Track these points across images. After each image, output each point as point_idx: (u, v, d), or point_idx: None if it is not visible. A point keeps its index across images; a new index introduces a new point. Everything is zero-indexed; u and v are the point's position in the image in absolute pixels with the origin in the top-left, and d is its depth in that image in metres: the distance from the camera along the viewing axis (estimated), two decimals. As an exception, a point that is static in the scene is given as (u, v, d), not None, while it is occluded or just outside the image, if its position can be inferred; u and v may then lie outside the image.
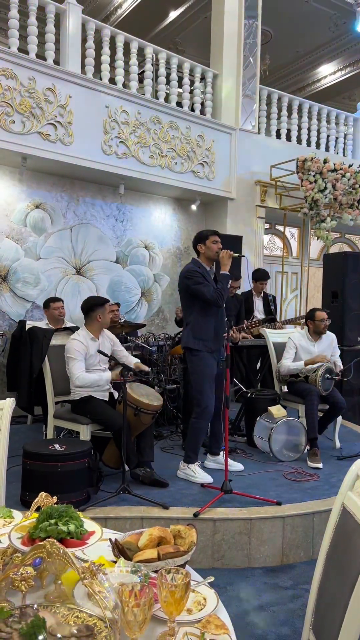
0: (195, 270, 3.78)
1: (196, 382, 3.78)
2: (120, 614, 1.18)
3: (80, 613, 1.30)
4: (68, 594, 1.45)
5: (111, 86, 6.08)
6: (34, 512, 1.67)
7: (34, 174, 6.03)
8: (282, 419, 4.48)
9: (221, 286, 3.72)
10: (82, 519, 1.55)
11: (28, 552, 1.21)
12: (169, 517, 3.21)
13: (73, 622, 1.28)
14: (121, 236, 6.90)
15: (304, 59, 11.82)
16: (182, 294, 3.93)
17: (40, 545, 1.20)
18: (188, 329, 3.80)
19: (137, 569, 1.43)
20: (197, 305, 3.79)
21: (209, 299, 3.70)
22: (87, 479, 3.35)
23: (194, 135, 6.84)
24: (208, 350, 3.76)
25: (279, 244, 8.75)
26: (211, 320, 3.78)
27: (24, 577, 1.21)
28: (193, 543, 1.65)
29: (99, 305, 3.92)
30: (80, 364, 3.73)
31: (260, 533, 3.22)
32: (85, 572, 1.15)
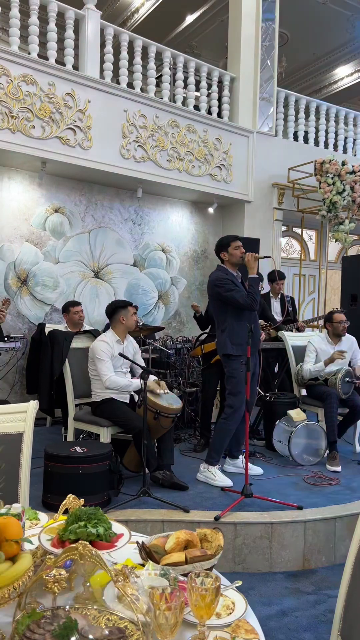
0: (224, 278, 3.80)
1: (234, 385, 3.80)
2: (152, 617, 1.18)
3: (111, 615, 1.31)
4: (96, 596, 1.46)
5: (129, 90, 6.12)
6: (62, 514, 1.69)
7: (53, 178, 6.09)
8: (301, 423, 4.45)
9: (253, 290, 3.73)
10: (110, 522, 1.56)
11: (60, 554, 1.22)
12: (190, 520, 3.21)
13: (104, 624, 1.28)
14: (139, 239, 6.93)
15: (321, 61, 11.78)
16: (213, 301, 3.95)
17: (73, 547, 1.20)
18: (225, 335, 3.81)
19: (166, 572, 1.44)
20: (230, 312, 3.81)
21: (243, 304, 3.72)
22: (107, 482, 3.36)
23: (211, 139, 6.85)
24: (246, 354, 3.77)
25: (297, 247, 8.71)
26: (246, 324, 3.78)
27: (57, 579, 1.22)
28: (220, 547, 1.64)
29: (122, 307, 3.96)
30: (108, 364, 3.77)
31: (281, 537, 3.20)
32: (118, 574, 1.16)
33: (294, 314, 6.02)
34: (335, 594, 3.07)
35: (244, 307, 3.77)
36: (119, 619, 1.28)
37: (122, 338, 4.00)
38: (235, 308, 3.80)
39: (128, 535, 1.56)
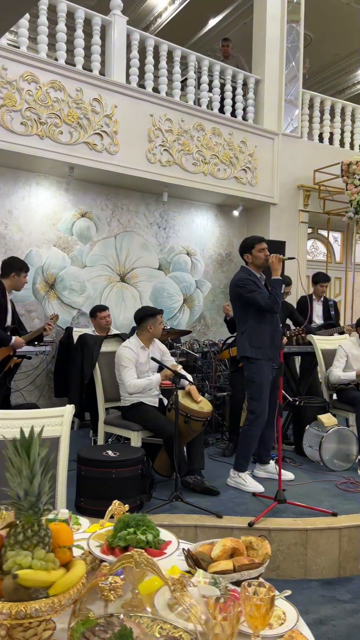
0: (246, 279, 3.76)
1: (254, 390, 3.76)
2: (209, 628, 1.17)
3: (164, 624, 1.30)
4: (145, 603, 1.45)
5: (155, 95, 6.14)
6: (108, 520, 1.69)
7: (80, 183, 6.13)
8: (332, 428, 4.40)
9: (275, 292, 3.68)
10: (158, 528, 1.55)
11: (116, 562, 1.21)
12: (223, 526, 3.19)
13: (158, 633, 1.27)
14: (164, 243, 6.93)
15: (344, 62, 11.69)
16: (235, 303, 3.91)
17: (128, 555, 1.20)
18: (244, 337, 3.77)
19: (216, 581, 1.42)
20: (251, 313, 3.76)
21: (264, 306, 3.67)
22: (140, 486, 3.36)
23: (236, 141, 6.83)
24: (266, 358, 3.73)
25: (322, 249, 8.63)
26: (266, 327, 3.74)
27: (113, 587, 1.21)
28: (268, 555, 1.62)
29: (151, 316, 3.95)
30: (131, 371, 3.77)
31: (316, 544, 3.16)
32: (176, 583, 1.15)
33: (337, 318, 5.94)
34: (373, 603, 3.00)
35: (264, 309, 3.72)
36: (172, 628, 1.27)
37: (147, 344, 3.99)
38: (257, 310, 3.75)
39: (176, 542, 1.55)
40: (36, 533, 1.24)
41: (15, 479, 1.27)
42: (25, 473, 1.26)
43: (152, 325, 3.95)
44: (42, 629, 1.17)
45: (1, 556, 1.24)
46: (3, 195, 5.65)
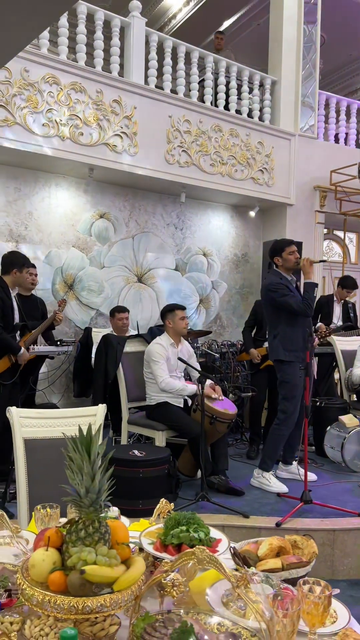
0: (278, 282, 3.77)
1: (287, 390, 3.78)
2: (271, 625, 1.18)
3: (222, 621, 1.31)
4: (196, 601, 1.46)
5: (173, 96, 6.16)
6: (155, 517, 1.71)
7: (99, 184, 6.16)
8: (354, 429, 4.39)
9: (308, 295, 3.68)
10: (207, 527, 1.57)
11: (177, 559, 1.23)
12: (251, 525, 3.20)
13: (217, 629, 1.29)
14: (180, 244, 6.95)
15: (357, 62, 11.66)
16: (267, 306, 3.92)
17: (190, 551, 1.21)
18: (277, 340, 3.79)
19: (269, 579, 1.43)
20: (283, 317, 3.77)
21: (297, 310, 3.68)
22: (166, 485, 3.38)
23: (253, 142, 6.84)
24: (299, 360, 3.74)
25: (337, 250, 8.62)
26: (299, 330, 3.75)
27: (175, 583, 1.23)
28: (315, 553, 1.64)
29: (169, 311, 4.00)
30: (163, 366, 3.80)
31: (343, 545, 3.16)
32: (240, 580, 1.16)
33: (356, 320, 5.93)
34: None
35: (298, 313, 3.73)
36: (231, 625, 1.29)
37: (176, 342, 4.03)
38: (289, 314, 3.76)
39: (226, 541, 1.57)
40: (97, 530, 1.26)
41: (77, 477, 1.29)
42: (87, 470, 1.28)
43: (171, 320, 3.99)
44: (109, 624, 1.19)
45: (62, 552, 1.27)
46: (23, 197, 5.69)
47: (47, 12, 2.35)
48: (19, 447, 2.29)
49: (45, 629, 1.14)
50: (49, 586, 1.18)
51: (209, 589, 1.45)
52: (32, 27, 2.38)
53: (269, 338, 3.99)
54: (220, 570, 1.19)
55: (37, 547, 1.28)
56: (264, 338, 4.97)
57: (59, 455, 2.48)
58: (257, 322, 5.18)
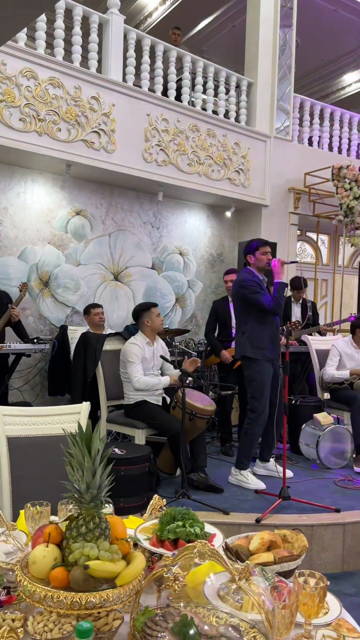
0: (251, 280, 3.81)
1: (255, 388, 3.81)
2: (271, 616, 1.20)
3: (220, 614, 1.33)
4: (190, 595, 1.48)
5: (152, 94, 6.16)
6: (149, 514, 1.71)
7: (75, 181, 6.11)
8: (329, 426, 4.49)
9: (278, 295, 3.74)
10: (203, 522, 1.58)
11: (179, 553, 1.24)
12: (231, 522, 3.23)
13: (215, 622, 1.31)
14: (157, 243, 6.96)
15: (329, 67, 11.87)
16: (237, 303, 3.95)
17: (192, 545, 1.22)
18: (245, 337, 3.82)
19: (264, 572, 1.46)
20: (253, 314, 3.82)
21: (268, 308, 3.73)
22: (147, 483, 3.39)
23: (230, 143, 6.89)
24: (265, 358, 3.79)
25: (309, 251, 8.76)
26: (267, 328, 3.80)
27: (177, 577, 1.24)
28: (305, 547, 1.67)
29: (145, 310, 4.00)
30: (138, 367, 3.80)
31: (321, 540, 3.23)
32: (242, 573, 1.18)
33: (315, 318, 6.05)
34: (378, 596, 3.08)
35: (268, 311, 3.78)
36: (229, 617, 1.31)
37: (151, 340, 4.03)
38: (259, 311, 3.81)
39: (221, 535, 1.58)
40: (98, 525, 1.26)
41: (77, 473, 1.29)
42: (88, 466, 1.29)
43: (149, 318, 3.99)
44: (112, 618, 1.20)
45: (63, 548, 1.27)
46: (-2, 192, 5.60)
47: (35, 4, 2.33)
48: (1, 445, 2.27)
49: (49, 625, 1.14)
50: (50, 582, 1.18)
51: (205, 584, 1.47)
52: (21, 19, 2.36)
53: (236, 335, 4.01)
54: (222, 564, 1.21)
55: (37, 544, 1.28)
56: (229, 338, 5.01)
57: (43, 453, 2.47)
58: (219, 322, 5.21)
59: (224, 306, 5.18)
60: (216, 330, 5.22)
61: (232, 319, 5.05)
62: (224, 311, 5.16)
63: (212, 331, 5.18)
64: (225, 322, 5.13)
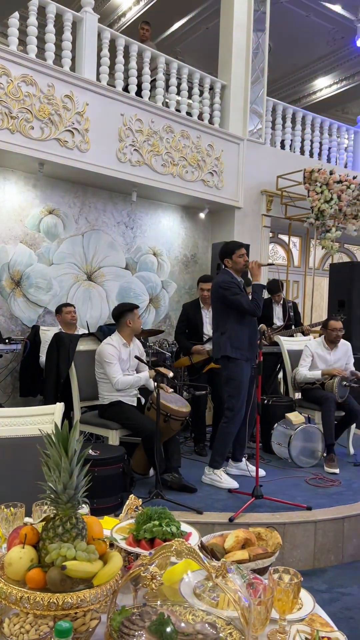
0: (230, 281, 3.84)
1: (233, 388, 3.84)
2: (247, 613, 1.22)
3: (196, 611, 1.35)
4: (166, 594, 1.49)
5: (126, 94, 6.14)
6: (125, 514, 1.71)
7: (48, 180, 6.05)
8: (300, 426, 4.55)
9: (257, 296, 3.78)
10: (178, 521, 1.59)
11: (156, 552, 1.24)
12: (204, 521, 3.25)
13: (192, 620, 1.32)
14: (131, 243, 6.94)
15: (301, 72, 12.04)
16: (216, 304, 3.98)
17: (169, 544, 1.23)
18: (225, 338, 3.85)
19: (239, 569, 1.47)
20: (232, 315, 3.85)
21: (247, 309, 3.77)
22: (121, 484, 3.38)
23: (204, 145, 6.93)
24: (244, 358, 3.82)
25: (281, 253, 8.88)
26: (246, 329, 3.84)
27: (154, 576, 1.25)
28: (279, 544, 1.70)
29: (129, 311, 3.99)
30: (117, 367, 3.78)
31: (293, 537, 3.27)
32: (219, 570, 1.19)
33: (297, 318, 6.12)
34: (348, 592, 3.17)
35: (247, 313, 3.83)
36: (205, 615, 1.32)
37: (128, 341, 4.02)
38: (238, 313, 3.85)
39: (196, 534, 1.60)
40: (75, 526, 1.26)
41: (54, 474, 1.29)
42: (64, 467, 1.28)
43: (131, 319, 3.98)
44: (89, 618, 1.20)
45: (39, 549, 1.26)
46: (-31, 189, 5.51)
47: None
48: (-26, 447, 2.24)
49: (25, 626, 1.13)
50: (26, 583, 1.17)
51: (181, 582, 1.48)
52: None
53: (215, 335, 4.03)
54: (199, 562, 1.22)
55: (12, 546, 1.27)
56: (202, 342, 5.02)
57: (15, 454, 2.44)
58: (190, 326, 5.17)
59: (196, 311, 5.18)
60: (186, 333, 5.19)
61: (203, 324, 5.06)
62: (195, 316, 5.15)
63: (183, 334, 5.17)
64: (196, 326, 5.11)
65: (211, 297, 4.11)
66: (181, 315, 5.33)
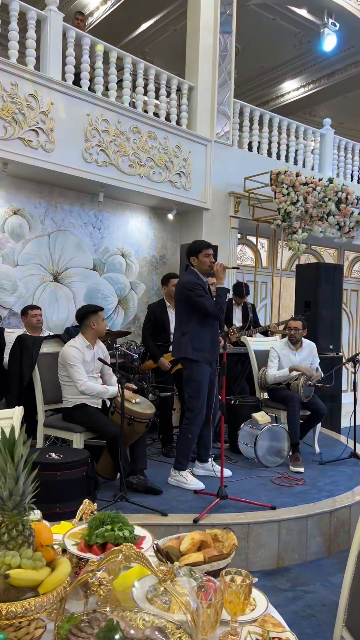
0: (195, 282, 3.83)
1: (193, 389, 3.83)
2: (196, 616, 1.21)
3: (147, 616, 1.33)
4: (119, 598, 1.47)
5: (92, 94, 6.09)
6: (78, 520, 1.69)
7: (13, 179, 5.96)
8: (266, 426, 4.58)
9: (221, 300, 3.78)
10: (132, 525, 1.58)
11: (104, 557, 1.23)
12: (169, 523, 3.24)
13: (142, 625, 1.30)
14: (98, 244, 6.89)
15: (269, 74, 12.16)
16: (180, 304, 3.95)
17: (117, 549, 1.22)
18: (186, 339, 3.84)
19: (192, 572, 1.47)
20: (195, 317, 3.83)
21: (210, 312, 3.76)
22: (84, 488, 3.34)
23: (171, 146, 6.93)
24: (205, 361, 3.82)
25: (250, 254, 8.94)
26: (208, 331, 3.84)
27: (102, 582, 1.23)
28: (235, 545, 1.70)
29: (93, 312, 3.95)
30: (81, 369, 3.74)
31: (257, 537, 3.29)
32: (167, 574, 1.18)
33: (256, 319, 6.17)
34: (311, 590, 3.20)
35: (210, 315, 3.82)
36: (156, 619, 1.31)
37: (92, 343, 3.99)
38: (201, 314, 3.84)
39: (150, 538, 1.58)
40: (21, 533, 1.23)
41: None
42: (10, 473, 1.25)
43: (95, 321, 3.94)
44: (34, 628, 1.17)
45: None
46: None
47: None
48: None
49: (-34, 638, 1.10)
50: (-31, 594, 1.14)
51: (133, 587, 1.46)
52: None
53: (175, 335, 4.01)
54: (147, 566, 1.21)
55: None
56: (168, 343, 5.01)
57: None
58: (156, 327, 5.15)
59: (162, 311, 5.17)
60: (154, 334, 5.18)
61: (170, 323, 5.05)
62: (162, 316, 5.14)
63: (150, 336, 5.14)
64: (164, 326, 5.11)
65: (175, 297, 4.09)
66: (147, 316, 5.30)
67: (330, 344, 6.74)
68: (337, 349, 7.07)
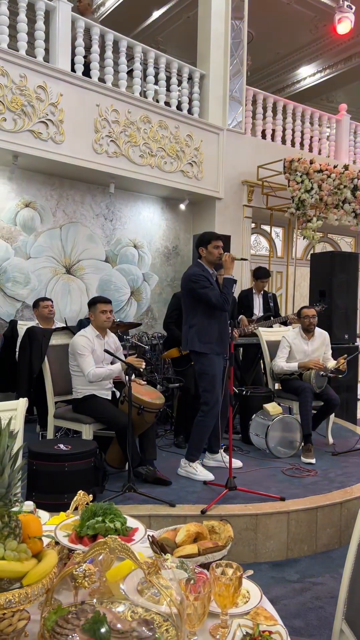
0: (200, 274, 3.80)
1: (207, 382, 3.81)
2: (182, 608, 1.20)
3: (136, 608, 1.32)
4: (113, 590, 1.47)
5: (101, 85, 6.06)
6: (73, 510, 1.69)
7: (24, 172, 5.98)
8: (278, 416, 4.54)
9: (226, 291, 3.74)
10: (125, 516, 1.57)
11: (89, 549, 1.22)
12: (177, 514, 3.23)
13: (130, 617, 1.30)
14: (110, 235, 6.89)
15: (284, 60, 11.95)
16: (186, 296, 3.93)
17: (102, 541, 1.21)
18: (193, 332, 3.81)
19: (184, 564, 1.46)
20: (201, 308, 3.81)
21: (215, 303, 3.72)
22: (93, 478, 3.35)
23: (183, 135, 6.87)
24: (214, 352, 3.79)
25: (264, 244, 8.85)
26: (215, 323, 3.80)
27: (87, 574, 1.22)
28: (230, 538, 1.68)
29: (91, 304, 3.96)
30: (89, 359, 3.74)
31: (266, 528, 3.27)
32: (151, 567, 1.17)
33: (276, 309, 6.10)
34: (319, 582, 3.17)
35: (215, 307, 3.78)
36: (144, 612, 1.30)
37: (102, 334, 3.98)
38: (207, 306, 3.81)
39: (143, 529, 1.57)
40: (7, 524, 1.23)
41: (-16, 471, 1.25)
42: (-5, 464, 1.25)
43: (93, 313, 3.94)
44: (17, 619, 1.17)
45: (-30, 550, 1.23)
46: None
47: None
48: None
49: None
50: None
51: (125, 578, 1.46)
52: None
53: (184, 328, 3.98)
54: (132, 558, 1.20)
55: None
56: None
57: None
58: (180, 316, 5.12)
59: None
60: None
61: None
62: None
63: (173, 323, 5.12)
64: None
65: (181, 289, 4.06)
66: (172, 305, 5.27)
67: (345, 333, 6.64)
68: (353, 339, 6.97)
